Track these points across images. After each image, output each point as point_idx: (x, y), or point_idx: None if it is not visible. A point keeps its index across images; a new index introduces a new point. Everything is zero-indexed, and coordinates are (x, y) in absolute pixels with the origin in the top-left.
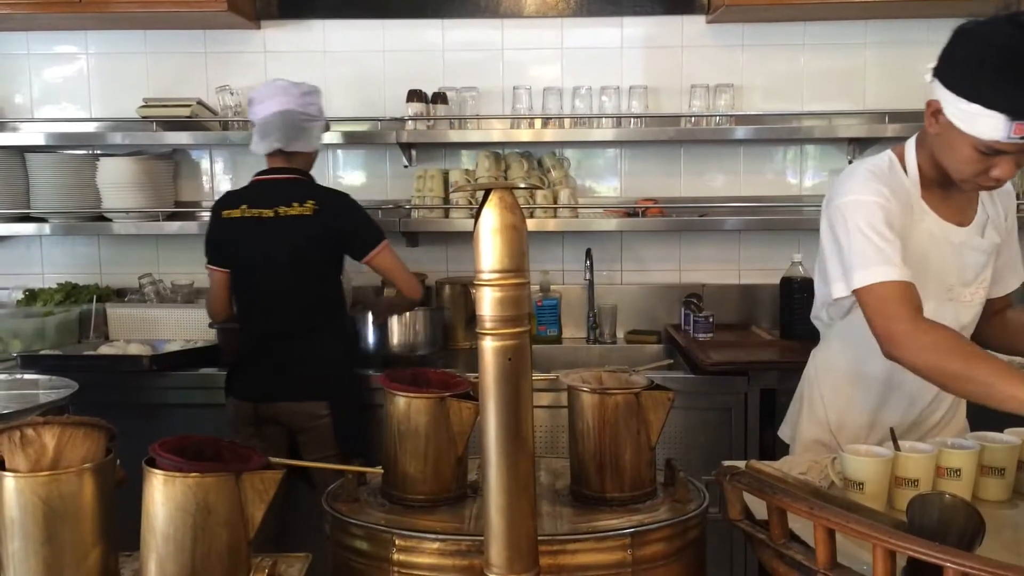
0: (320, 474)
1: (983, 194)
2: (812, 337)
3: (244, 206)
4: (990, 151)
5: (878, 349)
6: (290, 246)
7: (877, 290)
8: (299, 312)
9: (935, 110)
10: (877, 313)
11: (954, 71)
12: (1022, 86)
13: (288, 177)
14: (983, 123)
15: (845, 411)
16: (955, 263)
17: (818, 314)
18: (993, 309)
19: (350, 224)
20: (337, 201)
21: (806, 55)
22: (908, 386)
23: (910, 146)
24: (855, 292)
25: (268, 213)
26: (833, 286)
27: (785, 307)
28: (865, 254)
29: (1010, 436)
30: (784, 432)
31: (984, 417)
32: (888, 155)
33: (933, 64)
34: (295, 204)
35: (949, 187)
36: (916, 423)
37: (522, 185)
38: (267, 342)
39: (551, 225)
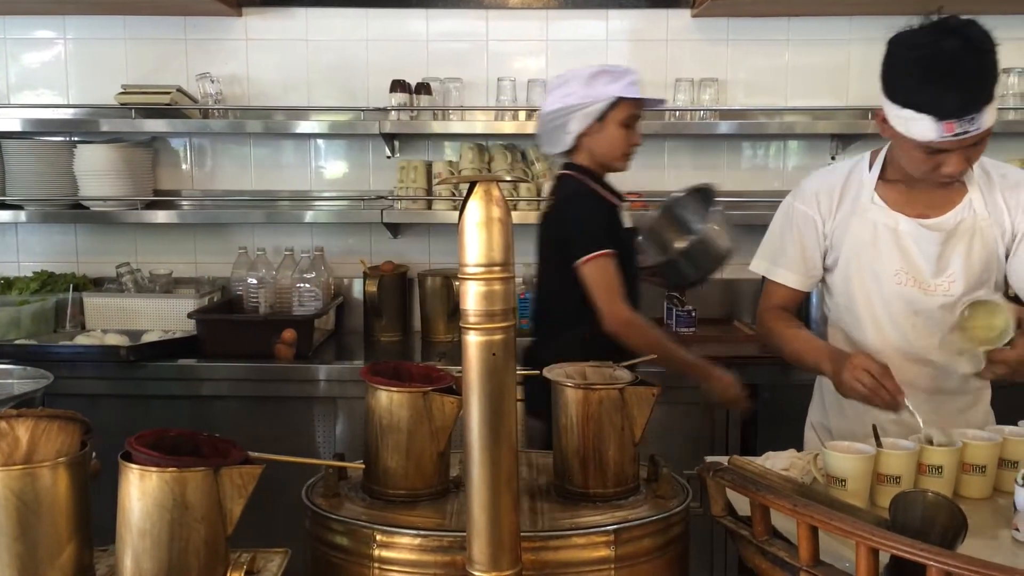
0: None
1: (971, 198)
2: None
3: None
4: (933, 150)
5: (871, 327)
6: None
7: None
8: None
9: (882, 118)
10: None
11: (888, 79)
12: (942, 87)
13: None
14: (916, 126)
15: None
16: (900, 251)
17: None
18: None
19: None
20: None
21: (790, 50)
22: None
23: (887, 146)
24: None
25: None
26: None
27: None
28: (768, 253)
29: (990, 433)
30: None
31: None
32: (867, 152)
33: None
34: None
35: (918, 184)
36: (936, 408)
37: (508, 178)
38: None
39: (534, 218)
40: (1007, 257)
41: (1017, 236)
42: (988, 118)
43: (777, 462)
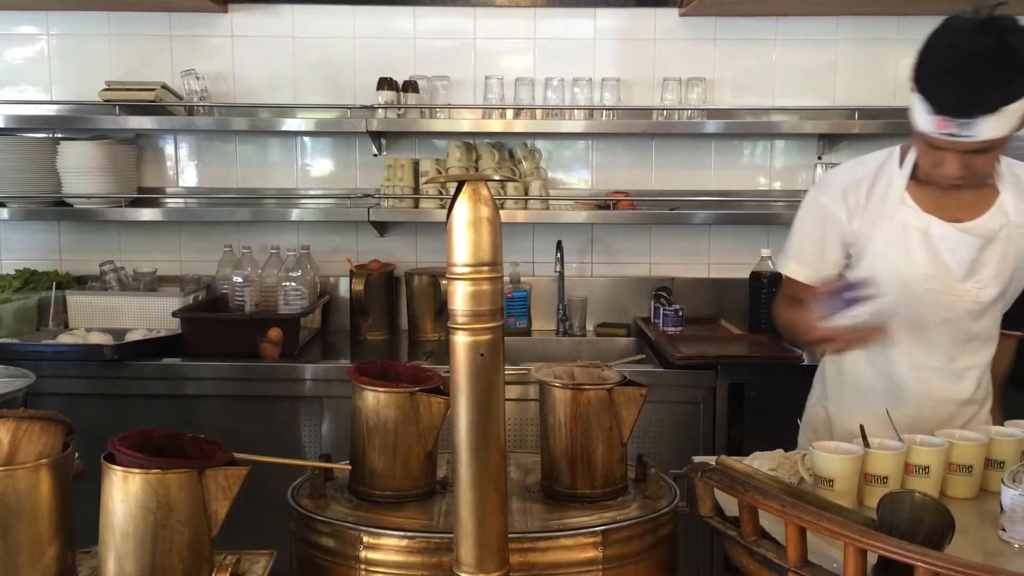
0: None
1: (1003, 201)
2: (780, 332)
3: None
4: (932, 146)
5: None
6: None
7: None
8: None
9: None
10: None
11: (917, 57)
12: (945, 80)
13: None
14: (918, 112)
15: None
16: (931, 255)
17: None
18: None
19: None
20: None
21: (778, 50)
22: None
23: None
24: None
25: None
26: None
27: (754, 301)
28: (787, 245)
29: (977, 434)
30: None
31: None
32: (896, 148)
33: (902, 60)
34: None
35: (951, 186)
36: (944, 420)
37: (496, 177)
38: None
39: (521, 217)
40: None
41: None
42: (988, 129)
43: (765, 462)
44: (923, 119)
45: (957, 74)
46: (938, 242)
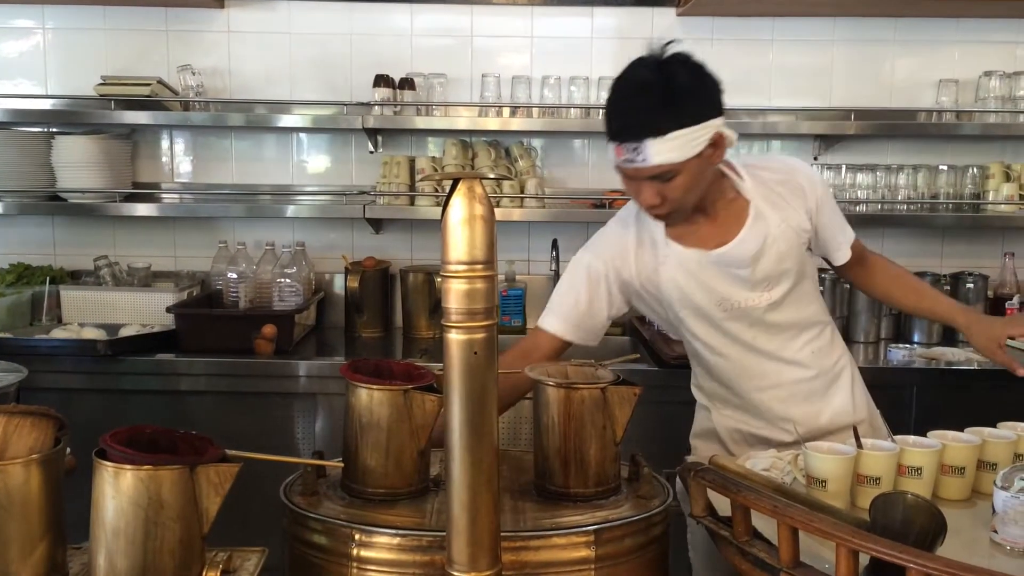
0: None
1: (756, 210)
2: None
3: None
4: (627, 176)
5: (720, 356)
6: None
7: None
8: None
9: None
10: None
11: None
12: (613, 109)
13: None
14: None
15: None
16: (715, 281)
17: None
18: (850, 266)
19: None
20: None
21: (775, 50)
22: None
23: None
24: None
25: None
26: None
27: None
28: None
29: (969, 435)
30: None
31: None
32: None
33: (898, 62)
34: None
35: (694, 218)
36: (806, 397)
37: (491, 175)
38: None
39: (517, 215)
40: (810, 246)
41: (812, 221)
42: (658, 154)
43: (758, 462)
44: (609, 149)
45: (624, 102)
46: (712, 270)
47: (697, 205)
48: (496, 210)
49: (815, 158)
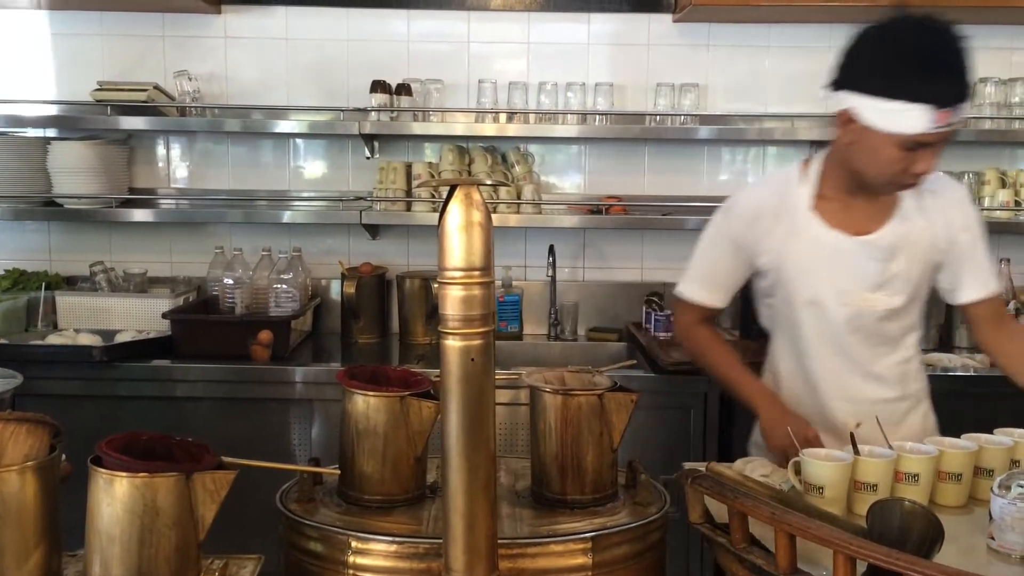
0: None
1: (905, 208)
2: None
3: None
4: (913, 146)
5: (815, 346)
6: None
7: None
8: None
9: (847, 119)
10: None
11: (868, 74)
12: (941, 75)
13: None
14: (907, 118)
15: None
16: (845, 269)
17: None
18: (973, 317)
19: None
20: None
21: (771, 57)
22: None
23: (818, 159)
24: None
25: None
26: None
27: (745, 307)
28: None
29: (966, 442)
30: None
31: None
32: (795, 166)
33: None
34: None
35: (855, 198)
36: (882, 416)
37: (488, 181)
38: None
39: (514, 221)
40: (940, 267)
41: (951, 245)
42: (964, 115)
43: (756, 468)
44: (916, 121)
45: (950, 66)
46: (847, 256)
47: (872, 181)
48: (493, 216)
49: None
